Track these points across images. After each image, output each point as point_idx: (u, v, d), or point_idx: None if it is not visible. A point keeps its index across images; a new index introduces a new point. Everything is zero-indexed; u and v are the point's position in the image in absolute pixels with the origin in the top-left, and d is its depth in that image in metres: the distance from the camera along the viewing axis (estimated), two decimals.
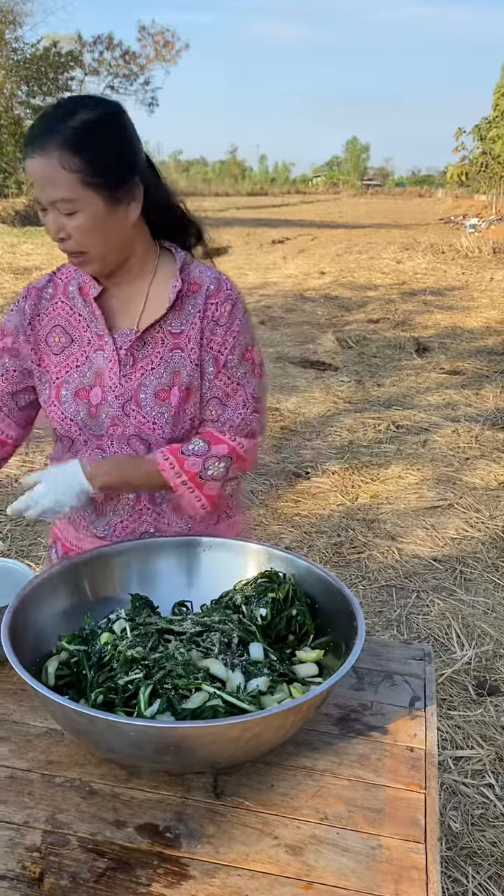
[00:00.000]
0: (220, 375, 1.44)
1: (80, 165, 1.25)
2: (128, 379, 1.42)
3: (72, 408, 1.44)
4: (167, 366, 1.42)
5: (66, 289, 1.47)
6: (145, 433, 1.44)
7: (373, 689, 1.29)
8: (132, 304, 1.45)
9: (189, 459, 1.41)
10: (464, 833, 2.07)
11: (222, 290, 1.44)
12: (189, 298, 1.43)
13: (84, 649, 1.16)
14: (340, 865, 0.95)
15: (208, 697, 1.04)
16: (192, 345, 1.43)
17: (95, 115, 1.28)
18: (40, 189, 1.27)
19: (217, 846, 0.97)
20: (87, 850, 0.96)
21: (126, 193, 1.32)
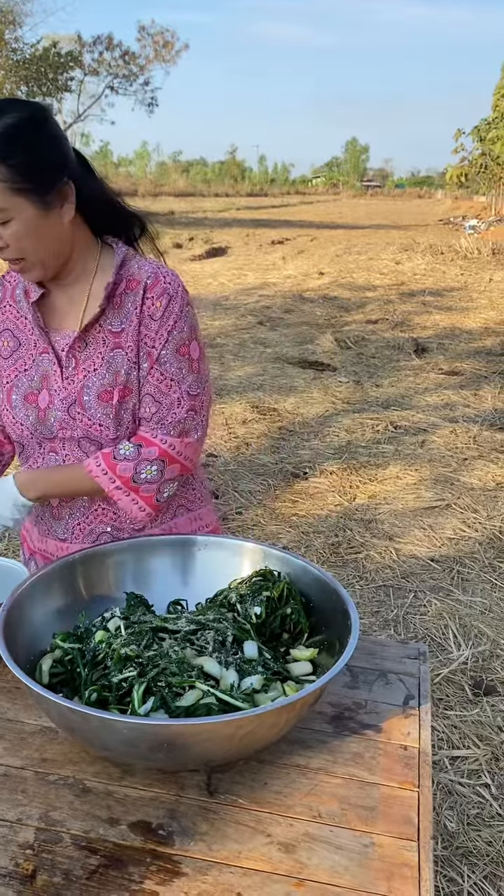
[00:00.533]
0: (153, 371, 1.41)
1: (8, 174, 1.23)
2: (70, 381, 1.42)
3: (21, 412, 1.45)
4: (109, 366, 1.41)
5: (14, 292, 1.48)
6: (93, 435, 1.43)
7: (367, 688, 1.29)
8: (74, 306, 1.44)
9: (121, 464, 1.40)
10: (459, 832, 2.07)
11: (159, 283, 1.40)
12: (128, 295, 1.41)
13: (78, 647, 1.16)
14: (333, 863, 0.95)
15: (202, 695, 1.04)
16: (129, 342, 1.41)
17: (16, 120, 1.25)
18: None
19: (210, 843, 0.97)
20: (79, 848, 0.96)
21: (57, 196, 1.31)
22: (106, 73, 39.14)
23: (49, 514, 1.55)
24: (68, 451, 1.46)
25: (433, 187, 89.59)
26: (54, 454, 1.47)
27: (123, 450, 1.41)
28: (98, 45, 37.97)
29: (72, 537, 1.53)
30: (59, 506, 1.52)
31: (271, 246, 18.16)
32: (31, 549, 1.63)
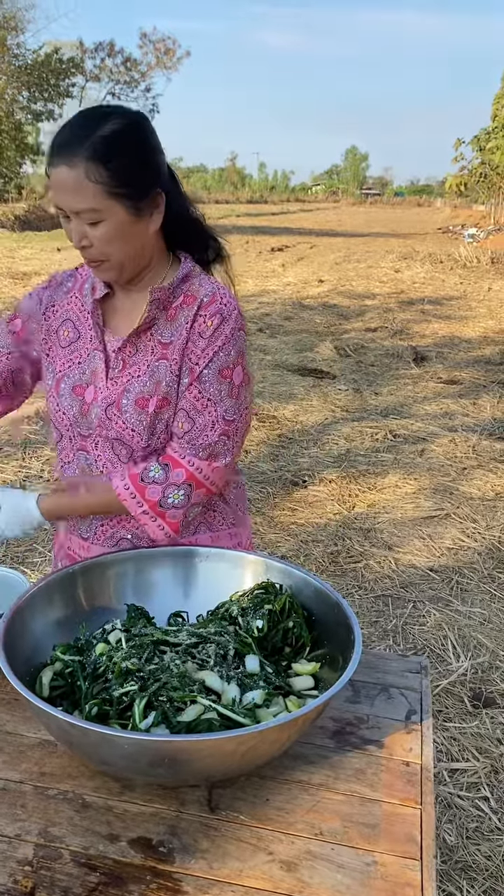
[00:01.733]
0: (192, 388, 1.41)
1: (106, 176, 1.26)
2: (114, 382, 1.44)
3: (67, 402, 1.47)
4: (152, 374, 1.42)
5: (83, 286, 1.50)
6: (125, 438, 1.44)
7: (369, 703, 1.28)
8: (135, 312, 1.46)
9: (149, 488, 1.40)
10: (458, 846, 2.06)
11: (214, 303, 1.41)
12: (183, 310, 1.42)
13: (79, 660, 1.15)
14: (335, 882, 0.94)
15: (203, 710, 1.03)
16: (175, 355, 1.42)
17: (121, 126, 1.28)
18: (64, 197, 1.28)
19: (211, 861, 0.96)
20: (79, 865, 0.95)
21: (149, 203, 1.34)
22: (107, 79, 39.29)
23: None
24: (100, 452, 1.47)
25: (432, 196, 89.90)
26: (84, 453, 1.49)
27: (153, 472, 1.41)
28: (100, 52, 38.14)
29: (94, 537, 1.53)
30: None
31: (271, 253, 18.19)
32: (60, 544, 1.64)
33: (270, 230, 27.36)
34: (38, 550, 3.60)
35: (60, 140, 1.27)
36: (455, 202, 47.75)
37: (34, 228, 22.72)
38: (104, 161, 1.25)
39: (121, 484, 1.42)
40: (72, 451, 1.51)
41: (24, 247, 17.34)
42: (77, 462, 1.51)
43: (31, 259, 15.03)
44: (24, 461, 4.63)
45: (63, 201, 1.29)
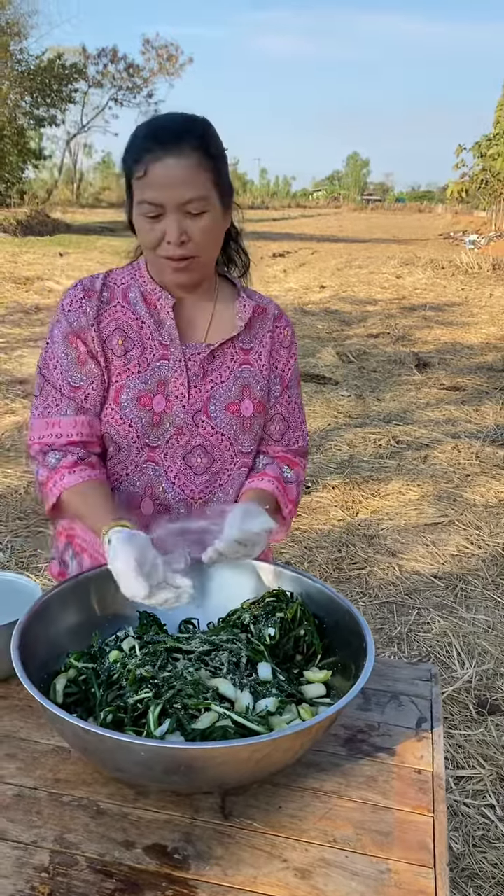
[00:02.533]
0: (283, 394, 1.56)
1: (212, 166, 1.31)
2: (198, 391, 1.46)
3: (133, 413, 1.43)
4: (237, 380, 1.49)
5: (126, 295, 1.46)
6: (212, 445, 1.47)
7: (380, 710, 1.29)
8: (200, 320, 1.49)
9: (289, 488, 1.55)
10: (465, 854, 2.06)
11: (283, 316, 1.58)
12: (257, 319, 1.52)
13: (92, 667, 1.16)
14: (350, 889, 0.95)
15: (218, 718, 1.04)
16: (262, 362, 1.52)
17: (206, 122, 1.36)
18: (171, 190, 1.29)
19: (225, 868, 0.97)
20: (95, 871, 0.96)
21: (230, 199, 1.40)
22: (110, 85, 39.44)
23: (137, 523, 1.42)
24: (170, 463, 1.47)
25: (433, 202, 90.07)
26: (153, 464, 1.47)
27: (286, 472, 1.56)
28: (102, 58, 38.28)
29: None
30: (152, 517, 1.47)
31: (272, 259, 18.23)
32: (83, 548, 1.58)
33: (272, 236, 27.43)
34: (43, 556, 3.61)
35: (165, 134, 1.29)
36: (456, 208, 47.84)
37: (36, 233, 22.74)
38: (209, 151, 1.31)
39: (271, 487, 1.51)
40: (133, 464, 1.47)
41: (26, 252, 17.38)
42: (140, 475, 1.47)
43: (33, 264, 15.06)
44: (28, 466, 4.64)
45: (169, 194, 1.29)
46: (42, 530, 3.88)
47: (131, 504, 1.49)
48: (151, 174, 1.29)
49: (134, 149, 1.32)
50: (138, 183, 1.31)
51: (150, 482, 1.47)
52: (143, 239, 1.36)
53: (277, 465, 1.56)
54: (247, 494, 1.51)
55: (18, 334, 8.46)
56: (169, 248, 1.33)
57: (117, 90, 39.83)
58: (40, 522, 3.96)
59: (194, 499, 1.49)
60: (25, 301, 10.63)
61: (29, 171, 35.35)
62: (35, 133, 34.76)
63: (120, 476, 1.49)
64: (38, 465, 1.44)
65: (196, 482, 1.48)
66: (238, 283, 1.55)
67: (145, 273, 1.46)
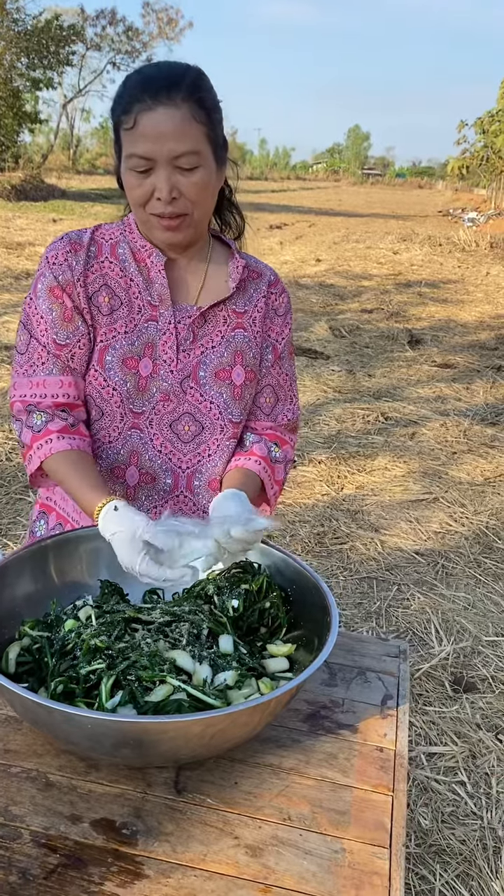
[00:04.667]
0: (275, 365, 1.50)
1: (205, 118, 1.24)
2: (187, 355, 1.39)
3: (118, 376, 1.36)
4: (229, 345, 1.42)
5: (115, 250, 1.38)
6: (200, 412, 1.41)
7: (345, 686, 1.26)
8: (191, 281, 1.42)
9: (276, 468, 1.50)
10: (433, 830, 2.05)
11: (279, 282, 1.51)
12: (251, 282, 1.46)
13: (47, 636, 1.12)
14: (301, 869, 0.92)
15: (172, 690, 1.00)
16: (256, 328, 1.46)
17: (200, 72, 1.28)
18: (162, 143, 1.21)
19: (175, 845, 0.94)
20: (39, 845, 0.92)
21: (224, 154, 1.33)
22: (108, 48, 38.67)
23: (121, 493, 1.44)
24: (156, 431, 1.40)
25: (434, 178, 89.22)
26: (138, 431, 1.40)
27: (274, 451, 1.50)
28: (101, 20, 37.49)
29: None
30: (137, 486, 1.43)
31: (269, 231, 18.02)
32: (63, 519, 1.50)
33: (269, 207, 27.10)
34: (22, 523, 3.57)
35: (157, 84, 1.21)
36: (456, 185, 47.40)
37: (30, 199, 22.40)
38: (202, 103, 1.24)
39: (258, 468, 1.45)
40: (117, 431, 1.40)
41: (19, 217, 17.12)
42: (124, 441, 1.41)
43: (25, 229, 14.83)
44: (11, 433, 4.58)
45: (160, 147, 1.22)
46: (23, 497, 3.83)
47: (115, 473, 1.43)
48: (141, 125, 1.21)
49: (123, 98, 1.24)
50: (127, 135, 1.24)
51: (135, 450, 1.42)
52: (132, 195, 1.28)
53: (265, 444, 1.50)
54: (231, 475, 1.44)
55: (7, 300, 8.34)
56: (159, 204, 1.26)
57: (116, 54, 39.05)
58: (21, 490, 3.91)
59: (181, 468, 1.44)
60: (16, 267, 10.47)
61: (25, 134, 34.73)
62: (31, 96, 34.02)
63: (103, 443, 1.42)
64: (21, 425, 1.37)
65: (183, 450, 1.43)
66: (233, 245, 1.48)
67: (135, 229, 1.38)
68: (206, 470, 1.46)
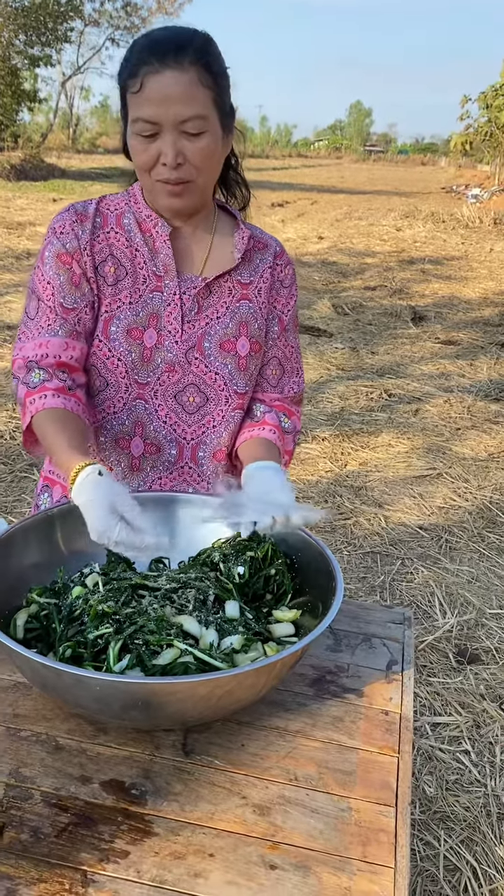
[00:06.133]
0: (281, 337, 1.49)
1: (212, 82, 1.22)
2: (192, 325, 1.39)
3: (122, 347, 1.37)
4: (233, 315, 1.42)
5: (120, 220, 1.38)
6: (205, 383, 1.41)
7: (350, 652, 1.27)
8: (196, 251, 1.41)
9: (286, 437, 1.49)
10: (438, 797, 2.08)
11: (284, 253, 1.49)
12: (257, 253, 1.45)
13: (55, 602, 1.13)
14: (308, 827, 0.93)
15: (179, 654, 1.01)
16: (262, 298, 1.45)
17: (208, 36, 1.26)
18: (168, 107, 1.20)
19: (183, 804, 0.95)
20: (49, 805, 0.94)
21: (231, 122, 1.31)
22: (107, 24, 38.16)
23: (126, 463, 1.45)
24: (161, 402, 1.41)
25: (437, 154, 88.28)
26: (142, 402, 1.40)
27: (284, 422, 1.50)
28: None
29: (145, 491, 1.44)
30: (142, 457, 1.44)
31: (271, 208, 17.88)
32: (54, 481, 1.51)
33: (271, 185, 26.85)
34: (27, 500, 3.58)
35: (164, 46, 1.20)
36: (460, 161, 46.90)
37: (30, 178, 22.24)
38: (209, 67, 1.22)
39: (274, 437, 1.45)
40: (122, 401, 1.41)
41: (19, 196, 17.00)
42: (129, 412, 1.41)
43: (26, 209, 14.74)
44: (14, 412, 4.58)
45: (165, 111, 1.20)
46: (27, 475, 3.85)
47: (120, 444, 1.44)
48: (147, 89, 1.20)
49: (130, 61, 1.22)
50: (133, 99, 1.23)
51: (140, 420, 1.42)
52: (137, 160, 1.27)
53: (276, 414, 1.50)
54: (253, 446, 1.43)
55: (9, 280, 8.31)
56: (164, 170, 1.25)
57: (114, 30, 38.56)
58: (25, 467, 3.92)
59: (186, 439, 1.44)
60: (17, 246, 10.42)
61: (23, 113, 34.39)
62: (30, 74, 33.65)
63: (108, 413, 1.42)
64: (18, 382, 1.35)
65: (188, 421, 1.43)
66: (238, 216, 1.46)
67: (141, 199, 1.38)
68: (210, 441, 1.46)
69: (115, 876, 0.85)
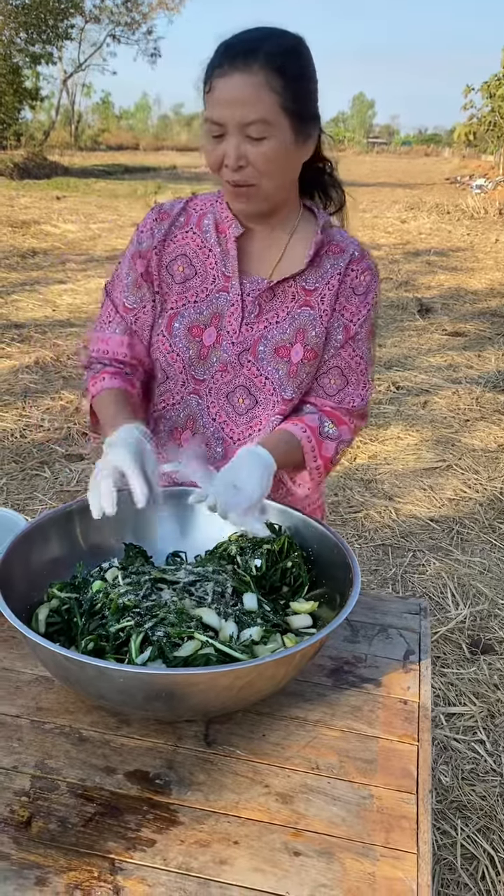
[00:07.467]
0: (346, 346, 1.42)
1: (282, 88, 1.21)
2: (250, 328, 1.39)
3: (182, 343, 1.40)
4: (293, 322, 1.39)
5: (201, 221, 1.40)
6: (255, 386, 1.40)
7: (367, 642, 1.28)
8: (269, 254, 1.40)
9: (325, 444, 1.41)
10: (454, 787, 2.09)
11: (365, 259, 1.41)
12: (328, 258, 1.40)
13: (75, 597, 1.15)
14: (331, 814, 0.94)
15: (200, 646, 1.02)
16: (324, 306, 1.40)
17: (295, 42, 1.26)
18: (233, 109, 1.20)
19: (207, 794, 0.97)
20: (76, 796, 0.95)
21: (309, 129, 1.29)
22: (107, 20, 38.11)
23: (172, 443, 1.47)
24: (214, 399, 1.43)
25: (441, 145, 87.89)
26: (196, 397, 1.43)
27: (328, 428, 1.42)
28: None
29: None
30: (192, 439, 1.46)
31: None
32: None
33: None
34: (39, 498, 3.60)
35: (235, 48, 1.21)
36: (463, 152, 46.70)
37: (33, 176, 22.24)
38: (282, 72, 1.21)
39: (302, 435, 1.39)
40: (179, 395, 1.44)
41: (23, 195, 17.02)
42: (184, 406, 1.45)
43: (30, 207, 14.76)
44: (24, 410, 4.60)
45: (231, 113, 1.21)
46: (38, 473, 3.87)
47: (174, 435, 1.48)
48: (216, 91, 1.22)
49: (210, 64, 1.24)
50: (206, 99, 1.24)
51: (192, 415, 1.45)
52: (207, 160, 1.29)
53: (319, 418, 1.43)
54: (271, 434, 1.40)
55: (15, 279, 8.33)
56: (227, 171, 1.26)
57: (115, 26, 38.51)
58: (36, 465, 3.94)
59: (233, 438, 1.45)
60: (22, 245, 10.44)
61: (26, 111, 34.37)
62: (31, 72, 33.62)
63: (166, 405, 1.47)
64: (86, 375, 1.47)
65: (237, 422, 1.44)
66: (322, 219, 1.41)
67: (224, 200, 1.39)
68: None
69: (142, 864, 0.86)
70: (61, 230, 11.94)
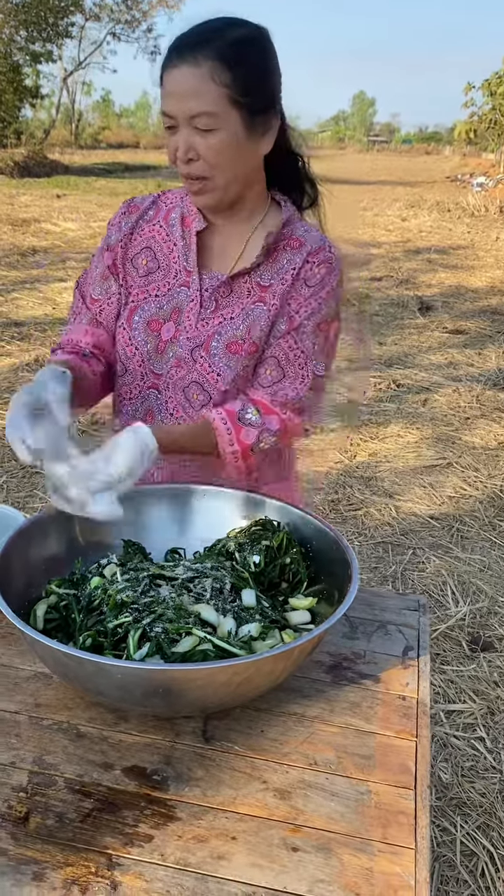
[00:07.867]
0: (287, 337, 1.36)
1: (230, 80, 1.20)
2: (205, 324, 1.38)
3: (140, 336, 1.40)
4: (246, 317, 1.37)
5: (169, 215, 1.41)
6: (208, 383, 1.39)
7: (366, 639, 1.28)
8: (230, 249, 1.40)
9: (245, 430, 1.34)
10: (453, 784, 2.09)
11: (323, 251, 1.37)
12: (286, 253, 1.37)
13: (73, 593, 1.15)
14: (329, 810, 0.94)
15: (198, 641, 1.02)
16: (275, 300, 1.36)
17: (249, 34, 1.25)
18: (180, 101, 1.21)
19: (205, 789, 0.97)
20: (73, 791, 0.95)
21: (264, 122, 1.28)
22: (108, 18, 38.07)
23: None
24: (171, 394, 1.41)
25: (441, 144, 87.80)
26: (155, 391, 1.43)
27: (250, 414, 1.34)
28: None
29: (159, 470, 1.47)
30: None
31: None
32: None
33: None
34: (38, 496, 3.60)
35: (184, 41, 1.21)
36: (464, 150, 46.66)
37: (34, 175, 22.23)
38: (230, 64, 1.20)
39: (218, 418, 1.33)
40: (137, 389, 1.44)
41: (23, 193, 17.01)
42: (143, 400, 1.44)
43: (30, 206, 14.75)
44: None
45: (178, 105, 1.21)
46: (38, 471, 3.86)
47: None
48: (165, 83, 1.22)
49: (164, 56, 1.25)
50: (161, 92, 1.25)
51: (151, 409, 1.44)
52: (167, 152, 1.29)
53: (242, 404, 1.35)
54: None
55: (15, 277, 8.33)
56: (180, 163, 1.26)
57: (115, 24, 38.46)
58: None
59: None
60: (22, 243, 10.43)
61: (26, 110, 34.35)
62: (31, 70, 33.58)
63: (124, 398, 1.47)
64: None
65: (194, 417, 1.43)
66: (287, 213, 1.38)
67: None
68: None
69: (139, 859, 0.86)
70: (61, 228, 11.93)
